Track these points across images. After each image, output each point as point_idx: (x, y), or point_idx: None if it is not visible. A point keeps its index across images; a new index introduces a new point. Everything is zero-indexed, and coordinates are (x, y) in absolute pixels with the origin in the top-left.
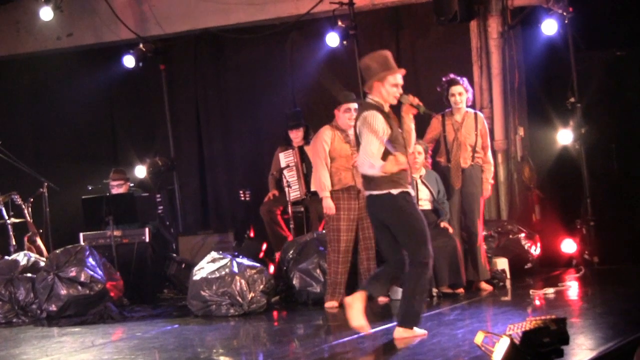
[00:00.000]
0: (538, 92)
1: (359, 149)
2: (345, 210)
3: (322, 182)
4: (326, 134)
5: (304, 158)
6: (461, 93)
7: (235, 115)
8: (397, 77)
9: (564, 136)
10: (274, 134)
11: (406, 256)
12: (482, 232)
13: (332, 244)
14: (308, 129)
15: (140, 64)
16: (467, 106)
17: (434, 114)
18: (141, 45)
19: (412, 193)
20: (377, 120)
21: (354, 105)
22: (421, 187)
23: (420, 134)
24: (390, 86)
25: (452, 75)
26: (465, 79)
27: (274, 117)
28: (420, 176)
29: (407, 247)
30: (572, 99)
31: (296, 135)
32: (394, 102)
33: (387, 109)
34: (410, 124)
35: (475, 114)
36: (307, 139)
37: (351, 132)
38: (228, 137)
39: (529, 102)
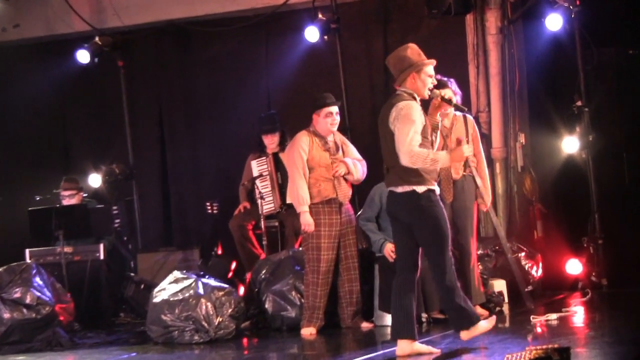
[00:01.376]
0: (541, 94)
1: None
2: (326, 226)
3: (299, 195)
4: (303, 140)
5: (278, 166)
6: (450, 97)
7: (203, 118)
8: (431, 68)
9: (570, 144)
10: (246, 139)
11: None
12: (476, 251)
13: (311, 264)
14: (284, 134)
15: (96, 60)
16: None
17: (466, 109)
18: (97, 39)
19: (438, 190)
20: (415, 110)
21: (335, 109)
22: None
23: None
24: (426, 76)
25: (439, 77)
26: (453, 81)
27: (247, 121)
28: None
29: (426, 253)
30: (579, 103)
31: (271, 141)
32: (427, 95)
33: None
34: (437, 122)
35: (465, 117)
36: (283, 145)
37: (331, 138)
38: (194, 143)
39: (530, 105)
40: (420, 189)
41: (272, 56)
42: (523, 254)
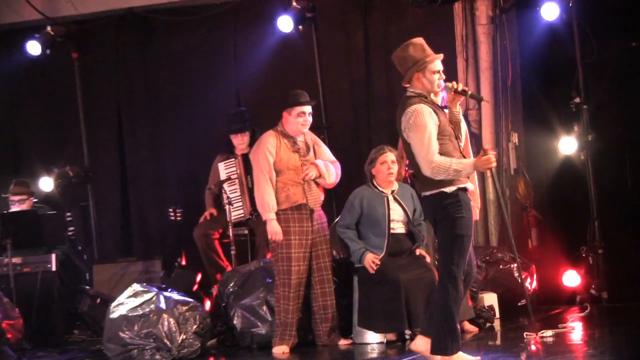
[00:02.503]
0: (536, 90)
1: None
2: (296, 235)
3: (264, 201)
4: (269, 142)
5: (248, 169)
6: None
7: (166, 116)
8: (437, 63)
9: (567, 144)
10: (214, 139)
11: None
12: None
13: (281, 276)
14: (255, 133)
15: (48, 52)
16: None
17: (483, 98)
18: (49, 29)
19: (471, 187)
20: (423, 114)
21: (309, 109)
22: (393, 205)
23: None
24: (431, 74)
25: None
26: None
27: (214, 119)
28: (393, 192)
29: (442, 256)
30: (577, 99)
31: (240, 141)
32: (438, 90)
33: (433, 100)
34: (458, 115)
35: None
36: (253, 144)
37: (301, 138)
38: (157, 143)
39: (524, 102)
40: (450, 189)
41: (241, 48)
42: (516, 264)
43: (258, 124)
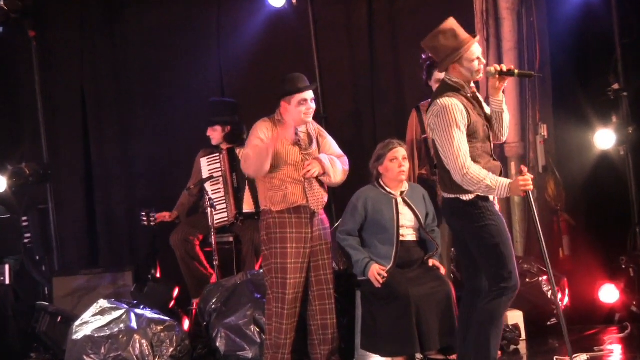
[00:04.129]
0: (568, 75)
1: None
2: (293, 242)
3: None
4: (262, 130)
5: (234, 165)
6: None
7: (139, 105)
8: (475, 48)
9: (605, 138)
10: (194, 131)
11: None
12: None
13: (274, 290)
14: (241, 125)
15: (1, 29)
16: None
17: (534, 73)
18: (1, 2)
19: (491, 197)
20: (452, 110)
21: (311, 95)
22: (403, 208)
23: (401, 133)
24: (469, 63)
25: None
26: None
27: (194, 108)
28: (402, 193)
29: (485, 269)
30: (616, 86)
31: (219, 135)
32: (478, 77)
33: (469, 89)
34: (501, 105)
35: None
36: (239, 138)
37: (302, 129)
38: (127, 136)
39: (554, 89)
40: (466, 196)
41: (226, 25)
42: (545, 277)
43: (244, 113)
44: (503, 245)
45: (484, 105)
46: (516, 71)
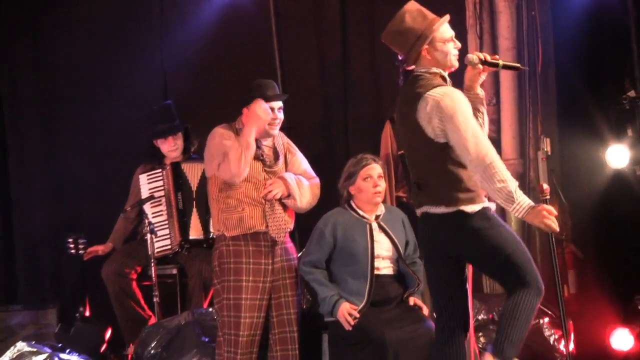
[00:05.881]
0: (575, 79)
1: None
2: (249, 275)
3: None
4: (226, 131)
5: (180, 183)
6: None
7: (66, 111)
8: (447, 28)
9: (618, 155)
10: (132, 143)
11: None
12: (472, 314)
13: (226, 331)
14: (189, 134)
15: None
16: None
17: (521, 66)
18: None
19: (493, 206)
20: (459, 96)
21: (279, 104)
22: (379, 235)
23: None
24: (443, 44)
25: None
26: None
27: (132, 115)
28: (378, 217)
29: (506, 278)
30: (632, 93)
31: (171, 146)
32: (456, 64)
33: (449, 80)
34: (482, 100)
35: None
36: (187, 151)
37: (267, 142)
38: (52, 149)
39: (560, 96)
40: (471, 208)
41: (170, 17)
42: (547, 319)
43: (191, 121)
44: (518, 251)
45: None
46: (501, 62)
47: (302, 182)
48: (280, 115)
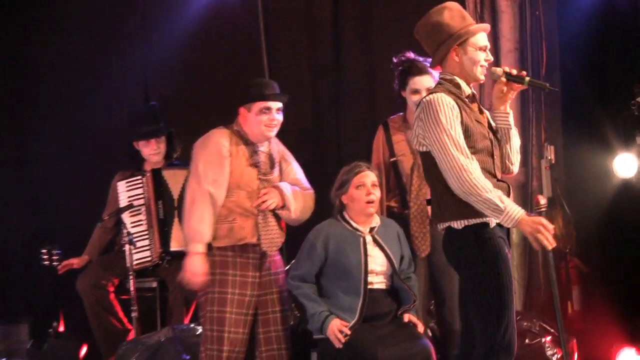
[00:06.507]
0: (582, 83)
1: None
2: (235, 287)
3: (193, 228)
4: (221, 141)
5: (161, 191)
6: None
7: (40, 113)
8: (482, 36)
9: (626, 164)
10: (111, 149)
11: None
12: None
13: (208, 347)
14: (173, 139)
15: None
16: None
17: (549, 85)
18: None
19: (493, 224)
20: (440, 105)
21: (278, 105)
22: (373, 249)
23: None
24: (475, 50)
25: (411, 55)
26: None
27: (111, 120)
28: (372, 230)
29: (477, 320)
30: None
31: (154, 150)
32: (482, 76)
33: (467, 90)
34: (507, 119)
35: None
36: (169, 156)
37: (264, 148)
38: (26, 153)
39: (565, 101)
40: (459, 223)
41: (152, 15)
42: (549, 338)
43: (177, 128)
44: (505, 294)
45: (488, 115)
46: (527, 79)
47: (297, 194)
48: (279, 117)
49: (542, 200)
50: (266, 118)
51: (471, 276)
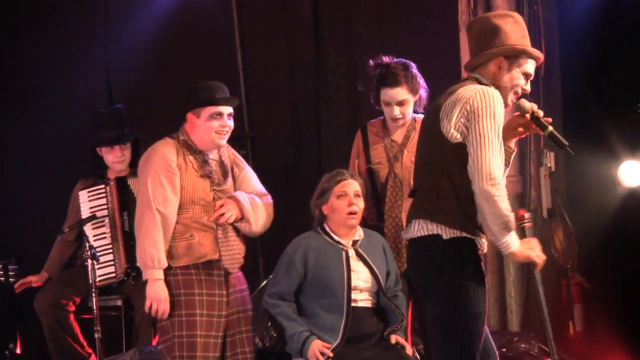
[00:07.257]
0: (583, 86)
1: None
2: (203, 308)
3: (148, 252)
4: (168, 150)
5: (126, 202)
6: (404, 102)
7: None
8: (532, 65)
9: (632, 171)
10: (72, 157)
11: None
12: None
13: None
14: (138, 146)
15: None
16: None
17: (567, 144)
18: None
19: (484, 243)
20: (497, 98)
21: (229, 110)
22: (356, 264)
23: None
24: (520, 73)
25: (385, 59)
26: (414, 67)
27: (72, 126)
28: (355, 243)
29: (438, 350)
30: None
31: (118, 157)
32: (510, 103)
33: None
34: (511, 154)
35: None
36: (135, 164)
37: (214, 156)
38: None
39: (565, 104)
40: (448, 233)
41: (115, 12)
42: None
43: (142, 134)
44: (477, 318)
45: None
46: (550, 128)
47: (256, 203)
48: (230, 123)
49: (527, 215)
50: (217, 124)
51: (441, 300)
